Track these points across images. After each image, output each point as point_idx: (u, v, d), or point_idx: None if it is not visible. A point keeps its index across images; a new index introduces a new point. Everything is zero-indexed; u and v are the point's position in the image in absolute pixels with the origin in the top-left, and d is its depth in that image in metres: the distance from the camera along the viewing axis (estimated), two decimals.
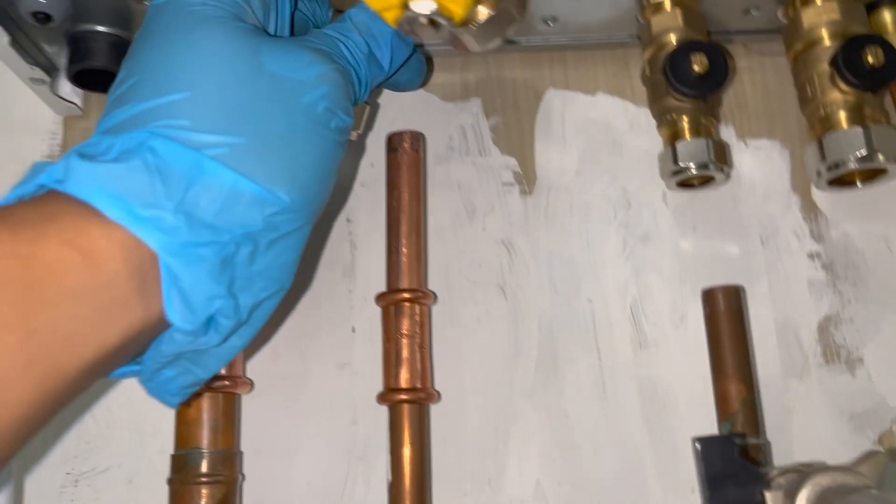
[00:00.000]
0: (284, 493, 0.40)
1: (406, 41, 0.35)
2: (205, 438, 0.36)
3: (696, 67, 0.37)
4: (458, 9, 0.26)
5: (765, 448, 0.36)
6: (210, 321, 0.27)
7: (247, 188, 0.27)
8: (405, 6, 0.26)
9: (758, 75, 0.47)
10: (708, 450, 0.29)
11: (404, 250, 0.41)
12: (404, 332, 0.40)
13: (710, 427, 0.40)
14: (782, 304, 0.43)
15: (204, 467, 0.36)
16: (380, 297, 0.41)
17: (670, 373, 0.42)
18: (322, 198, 0.31)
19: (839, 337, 0.42)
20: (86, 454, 0.41)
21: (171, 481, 0.36)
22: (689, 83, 0.38)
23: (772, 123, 0.46)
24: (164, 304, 0.26)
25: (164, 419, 0.40)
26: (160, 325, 0.27)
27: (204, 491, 0.35)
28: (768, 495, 0.28)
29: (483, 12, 0.29)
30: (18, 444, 0.24)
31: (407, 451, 0.38)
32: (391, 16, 0.27)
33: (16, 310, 0.22)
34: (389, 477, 0.38)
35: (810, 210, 0.44)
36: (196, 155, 0.26)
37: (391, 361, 0.40)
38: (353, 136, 0.38)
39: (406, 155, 0.42)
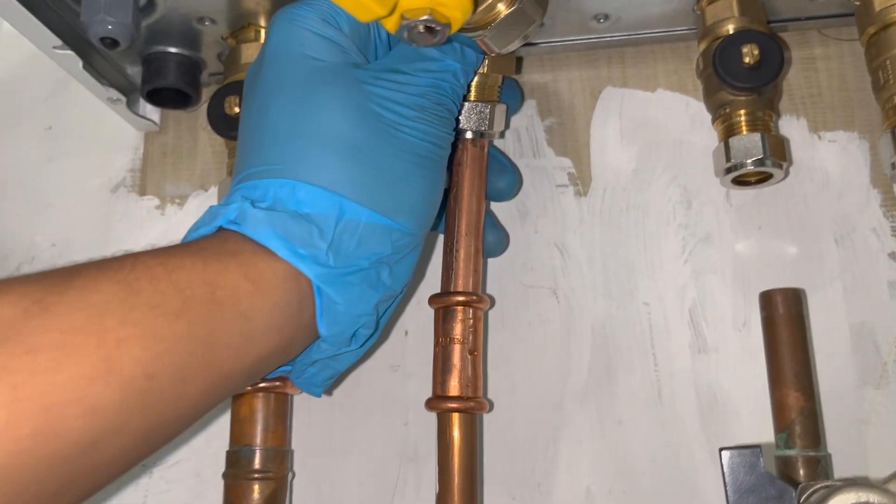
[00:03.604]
0: (337, 491, 0.41)
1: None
2: (257, 436, 0.38)
3: (746, 59, 0.35)
4: (455, 13, 0.26)
5: (825, 461, 0.33)
6: (354, 334, 0.33)
7: (377, 221, 0.32)
8: (402, 15, 0.26)
9: (834, 63, 0.44)
10: (733, 461, 0.27)
11: (461, 251, 0.39)
12: (455, 336, 0.38)
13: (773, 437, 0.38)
14: (858, 308, 0.40)
15: (255, 464, 0.37)
16: (433, 299, 0.39)
17: (731, 380, 0.40)
18: (433, 216, 0.36)
19: None
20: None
21: (225, 476, 0.38)
22: (740, 76, 0.36)
23: (849, 114, 0.43)
24: (318, 323, 0.31)
25: (225, 419, 0.42)
26: (310, 338, 0.32)
27: (255, 486, 0.37)
28: None
29: (500, 10, 0.29)
30: (188, 426, 0.29)
31: (456, 462, 0.37)
32: (390, 24, 0.27)
33: (203, 326, 0.27)
34: (437, 488, 0.37)
35: (892, 206, 0.41)
36: (338, 198, 0.31)
37: (439, 367, 0.38)
38: (496, 135, 0.41)
39: (468, 152, 0.40)
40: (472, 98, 0.39)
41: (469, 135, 0.40)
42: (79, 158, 0.49)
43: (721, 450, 0.29)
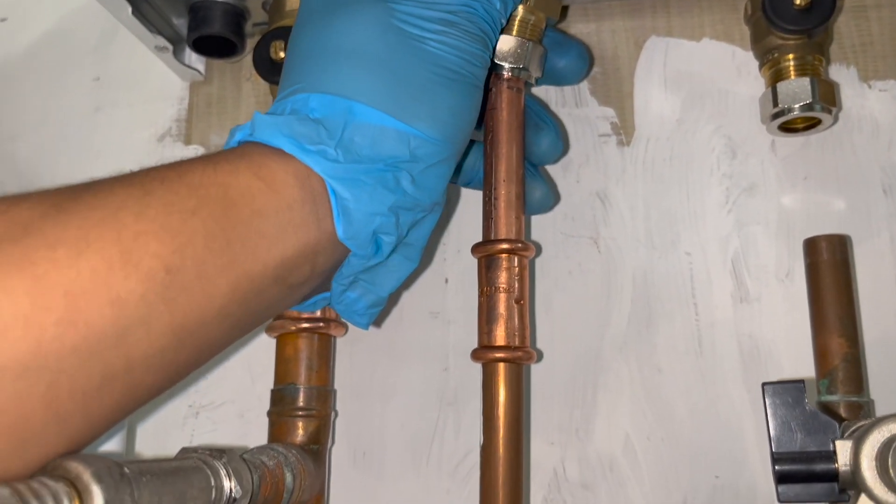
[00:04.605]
0: (378, 433, 0.42)
1: None
2: (301, 375, 0.39)
3: (797, 1, 0.35)
4: None
5: (867, 406, 0.33)
6: (376, 240, 0.33)
7: (391, 125, 0.32)
8: None
9: (886, 11, 0.43)
10: (776, 395, 0.27)
11: (500, 198, 0.37)
12: (500, 285, 0.37)
13: None
14: None
15: (300, 401, 0.38)
16: (475, 248, 0.38)
17: (773, 330, 0.40)
18: (462, 131, 0.35)
19: None
20: (205, 389, 0.44)
21: (270, 413, 0.39)
22: (790, 18, 0.35)
23: None
24: (335, 222, 0.31)
25: (270, 361, 0.43)
26: (335, 248, 0.32)
27: (299, 423, 0.38)
28: (839, 444, 0.26)
29: None
30: (222, 332, 0.29)
31: (501, 414, 0.35)
32: None
33: (218, 224, 0.28)
34: (482, 439, 0.36)
35: None
36: (347, 102, 0.32)
37: (484, 317, 0.37)
38: (532, 79, 0.40)
39: (503, 95, 0.38)
40: (513, 33, 0.38)
41: (505, 73, 0.38)
42: (126, 109, 0.50)
43: (764, 384, 0.29)
